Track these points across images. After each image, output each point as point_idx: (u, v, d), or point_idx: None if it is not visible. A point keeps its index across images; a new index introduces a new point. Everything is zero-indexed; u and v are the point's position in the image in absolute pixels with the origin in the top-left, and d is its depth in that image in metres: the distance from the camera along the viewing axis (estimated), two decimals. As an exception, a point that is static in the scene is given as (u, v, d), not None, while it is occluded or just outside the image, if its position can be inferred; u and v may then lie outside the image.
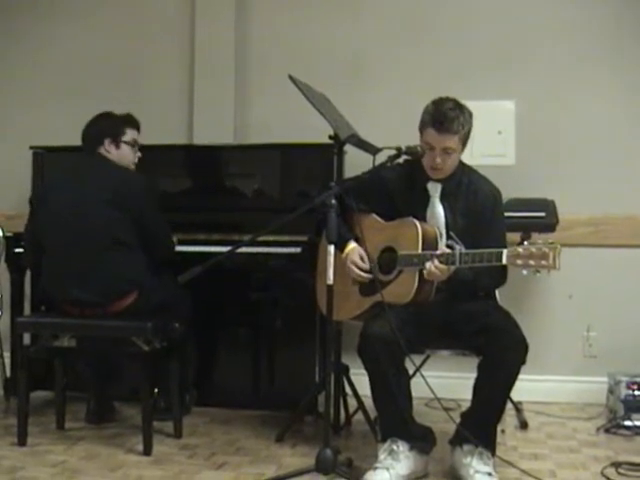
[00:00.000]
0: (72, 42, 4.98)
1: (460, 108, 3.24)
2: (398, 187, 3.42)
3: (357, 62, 4.70)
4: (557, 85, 4.52)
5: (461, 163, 3.41)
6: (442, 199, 3.34)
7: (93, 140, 3.79)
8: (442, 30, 4.64)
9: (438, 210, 3.33)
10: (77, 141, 3.90)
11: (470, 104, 3.30)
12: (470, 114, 3.28)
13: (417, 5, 4.68)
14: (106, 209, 3.59)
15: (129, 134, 3.82)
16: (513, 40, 4.56)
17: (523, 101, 4.53)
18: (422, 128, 3.28)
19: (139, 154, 3.89)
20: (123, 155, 3.80)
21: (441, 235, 3.27)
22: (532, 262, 2.85)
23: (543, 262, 2.83)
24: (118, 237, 3.60)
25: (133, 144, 3.84)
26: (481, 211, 3.33)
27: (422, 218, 3.30)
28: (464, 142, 3.29)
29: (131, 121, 3.86)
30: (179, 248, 3.94)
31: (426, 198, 3.36)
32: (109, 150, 3.77)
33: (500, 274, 3.24)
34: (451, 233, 3.15)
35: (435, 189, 3.35)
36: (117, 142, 3.79)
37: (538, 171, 4.48)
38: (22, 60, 5.04)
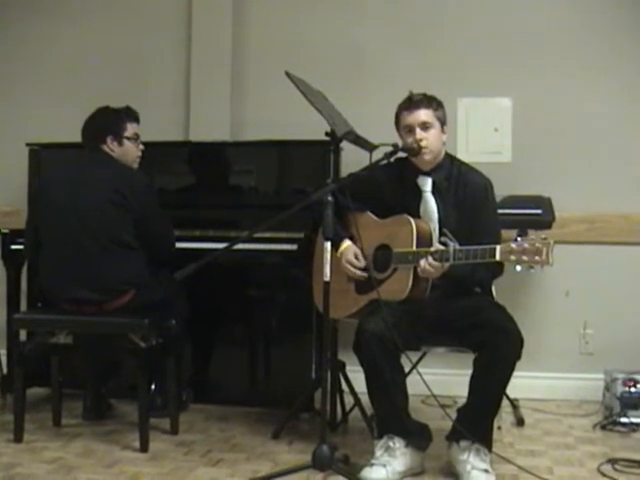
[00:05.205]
0: (69, 40, 4.96)
1: (426, 95, 3.35)
2: (389, 186, 3.43)
3: (354, 59, 4.70)
4: (554, 82, 4.52)
5: (449, 156, 3.43)
6: (433, 193, 3.35)
7: (94, 137, 3.75)
8: (440, 27, 4.64)
9: (431, 205, 3.34)
10: (73, 138, 3.88)
11: (467, 101, 3.32)
12: (441, 102, 3.37)
13: (415, 3, 4.68)
14: (108, 208, 3.57)
15: (130, 129, 3.79)
16: (510, 38, 4.56)
17: (520, 98, 4.53)
18: (397, 122, 3.38)
19: (142, 147, 3.86)
20: (127, 151, 3.78)
21: (435, 231, 3.27)
22: (525, 258, 2.85)
23: (536, 258, 2.83)
24: (118, 236, 3.59)
25: (135, 138, 3.82)
26: (472, 202, 3.33)
27: (416, 214, 3.31)
28: (441, 122, 3.35)
29: (130, 114, 3.82)
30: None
31: (418, 193, 3.36)
32: (112, 148, 3.74)
33: (496, 266, 3.20)
34: (445, 230, 3.14)
35: (425, 183, 3.36)
36: (119, 139, 3.75)
37: (534, 168, 4.48)
38: (19, 57, 5.02)
